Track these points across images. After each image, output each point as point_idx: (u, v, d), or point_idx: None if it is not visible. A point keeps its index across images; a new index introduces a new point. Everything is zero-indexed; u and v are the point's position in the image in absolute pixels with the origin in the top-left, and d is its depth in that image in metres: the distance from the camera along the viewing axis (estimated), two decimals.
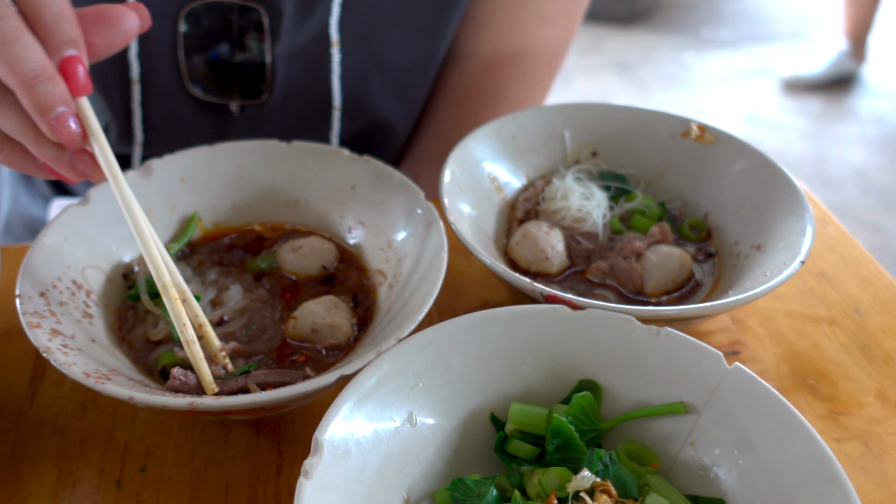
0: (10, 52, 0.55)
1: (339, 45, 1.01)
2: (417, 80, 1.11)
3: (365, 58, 1.04)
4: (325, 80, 1.04)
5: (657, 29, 5.14)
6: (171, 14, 0.99)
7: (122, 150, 1.11)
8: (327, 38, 1.00)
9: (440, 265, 0.70)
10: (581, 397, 0.63)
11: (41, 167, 0.62)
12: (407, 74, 1.09)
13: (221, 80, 1.05)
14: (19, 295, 0.66)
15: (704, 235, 0.87)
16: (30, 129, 0.58)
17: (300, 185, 0.86)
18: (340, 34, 1.00)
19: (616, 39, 4.95)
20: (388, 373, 0.61)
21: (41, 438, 0.71)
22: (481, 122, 1.13)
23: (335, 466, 0.55)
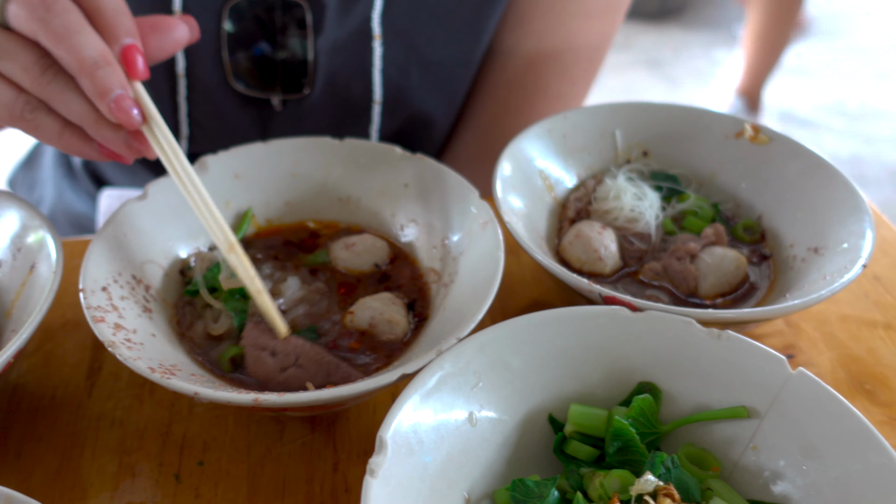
0: (73, 42, 0.61)
1: (380, 38, 1.01)
2: (459, 75, 1.11)
3: (406, 52, 1.04)
4: (367, 75, 1.04)
5: (689, 25, 5.09)
6: (215, 10, 0.99)
7: None
8: (369, 32, 1.00)
9: (497, 265, 0.70)
10: (641, 400, 0.63)
11: (97, 149, 0.66)
12: (448, 69, 1.09)
13: (264, 76, 1.05)
14: (82, 289, 0.67)
15: (758, 237, 0.86)
16: (90, 113, 0.63)
17: (352, 182, 0.86)
18: (382, 28, 1.00)
19: (647, 36, 4.92)
20: (449, 372, 0.61)
21: (100, 431, 0.72)
22: (522, 118, 1.13)
23: (399, 464, 0.56)
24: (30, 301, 0.71)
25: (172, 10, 0.97)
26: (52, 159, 1.39)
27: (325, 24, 0.99)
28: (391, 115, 1.08)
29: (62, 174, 1.37)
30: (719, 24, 5.08)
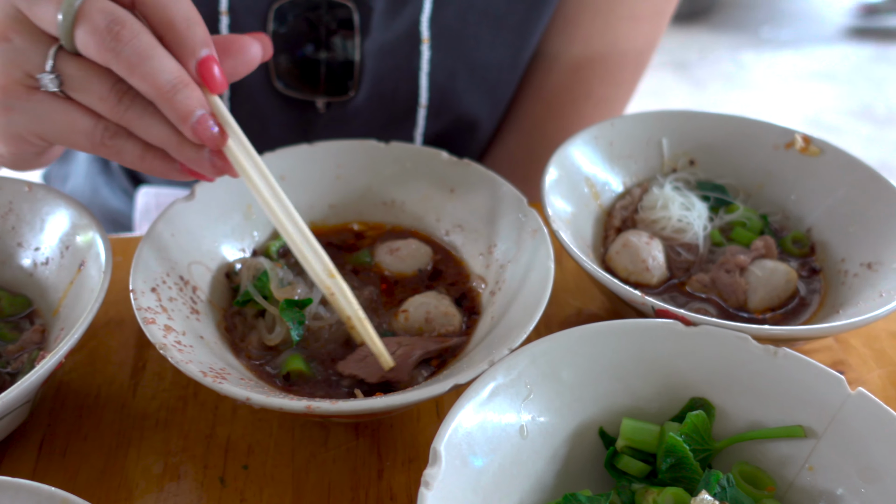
0: (147, 69, 0.58)
1: (429, 42, 1.00)
2: (505, 78, 1.10)
3: (454, 55, 1.03)
4: (414, 78, 1.04)
5: (716, 28, 5.05)
6: (261, 12, 0.99)
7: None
8: (418, 35, 1.00)
9: (548, 275, 0.69)
10: (695, 416, 0.62)
11: (181, 169, 0.64)
12: (495, 73, 1.08)
13: (308, 78, 1.05)
14: (133, 290, 0.67)
15: (808, 251, 0.85)
16: (172, 136, 0.61)
17: (398, 186, 0.85)
18: (431, 31, 1.00)
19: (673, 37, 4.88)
20: (501, 383, 0.61)
21: (145, 431, 0.72)
22: (567, 122, 1.12)
23: (453, 476, 0.55)
24: (78, 300, 0.71)
25: (219, 11, 0.97)
26: (87, 154, 1.40)
27: (373, 27, 0.99)
28: (436, 117, 1.07)
29: (97, 170, 1.37)
30: (747, 27, 5.04)
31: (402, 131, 1.09)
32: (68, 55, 0.61)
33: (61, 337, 0.69)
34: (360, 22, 1.00)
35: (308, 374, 0.70)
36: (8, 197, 0.79)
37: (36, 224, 0.77)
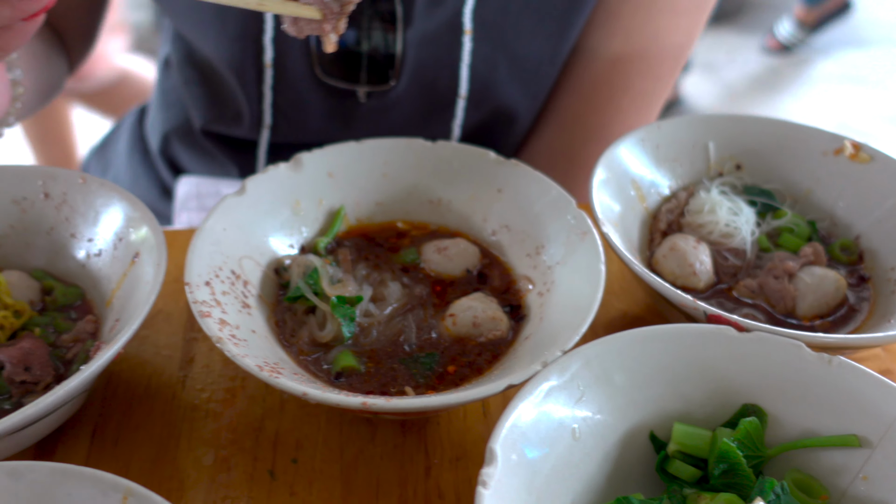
0: None
1: (471, 33, 1.00)
2: (545, 71, 1.10)
3: (495, 46, 1.04)
4: (454, 69, 1.04)
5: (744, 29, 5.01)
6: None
7: (252, 134, 1.13)
8: (460, 27, 1.00)
9: (599, 278, 0.70)
10: (748, 422, 0.62)
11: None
12: (535, 65, 1.08)
13: (349, 67, 1.06)
14: (188, 283, 0.68)
15: (856, 258, 0.84)
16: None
17: (444, 185, 0.86)
18: (473, 23, 1.00)
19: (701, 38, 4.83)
20: (555, 385, 0.61)
21: (195, 422, 0.73)
22: (606, 116, 1.12)
23: (508, 476, 0.55)
24: (132, 292, 0.72)
25: None
26: (127, 145, 1.41)
27: (415, 18, 0.99)
28: (475, 108, 1.08)
29: (137, 161, 1.39)
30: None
31: (441, 122, 1.09)
32: None
33: (116, 328, 0.70)
34: (402, 13, 1.00)
35: (358, 370, 0.70)
36: (62, 188, 0.80)
37: (89, 216, 0.78)
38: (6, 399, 0.69)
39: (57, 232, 0.80)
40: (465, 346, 0.73)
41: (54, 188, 0.80)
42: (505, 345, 0.73)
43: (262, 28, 1.01)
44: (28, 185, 0.80)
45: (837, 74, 4.35)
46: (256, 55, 1.04)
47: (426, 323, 0.75)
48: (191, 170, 1.28)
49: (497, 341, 0.73)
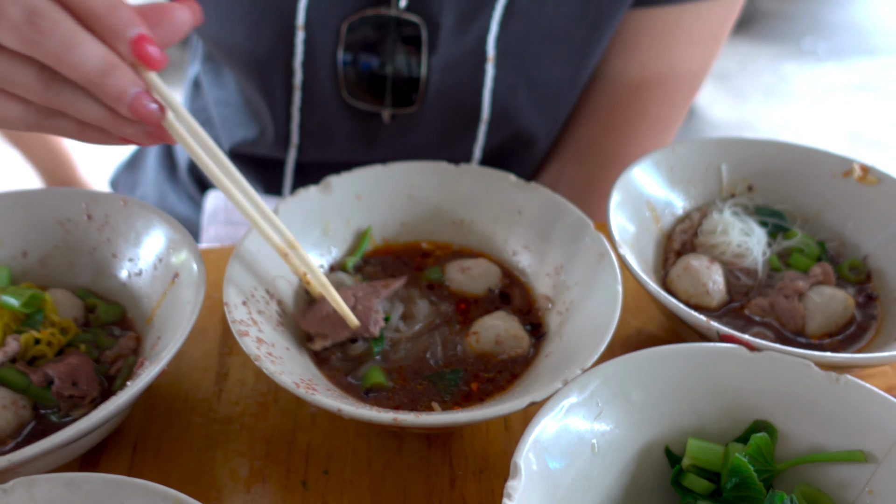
0: (73, 58, 0.58)
1: (494, 60, 1.04)
2: (564, 96, 1.14)
3: (516, 73, 1.07)
4: (477, 93, 1.08)
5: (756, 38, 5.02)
6: (334, 26, 1.04)
7: (279, 154, 1.17)
8: (483, 54, 1.04)
9: (616, 299, 0.73)
10: (759, 438, 0.65)
11: (120, 140, 0.65)
12: (554, 90, 1.12)
13: (375, 90, 1.10)
14: (227, 303, 0.72)
15: (864, 277, 0.87)
16: (107, 115, 0.62)
17: (467, 206, 0.89)
18: (496, 50, 1.04)
19: None
20: (575, 402, 0.64)
21: (230, 435, 0.77)
22: (622, 140, 1.16)
23: (532, 489, 0.59)
24: (172, 310, 0.76)
25: (295, 26, 1.02)
26: (155, 161, 1.46)
27: (440, 43, 1.03)
28: (495, 131, 1.12)
29: (165, 177, 1.43)
30: (787, 39, 5.01)
31: (462, 143, 1.13)
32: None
33: (158, 345, 0.74)
34: (427, 38, 1.04)
35: (387, 386, 0.74)
36: (104, 210, 0.84)
37: (130, 237, 0.82)
38: (55, 412, 0.73)
39: (99, 252, 0.84)
40: (488, 362, 0.77)
41: (97, 210, 0.84)
42: (526, 362, 0.76)
43: (292, 52, 1.05)
44: (72, 208, 0.84)
45: (849, 83, 4.36)
46: (286, 78, 1.08)
47: (451, 340, 0.79)
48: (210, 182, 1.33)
49: (518, 358, 0.76)
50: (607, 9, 1.03)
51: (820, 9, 5.40)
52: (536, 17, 1.03)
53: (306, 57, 1.06)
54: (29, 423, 0.72)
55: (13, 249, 0.84)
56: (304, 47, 1.05)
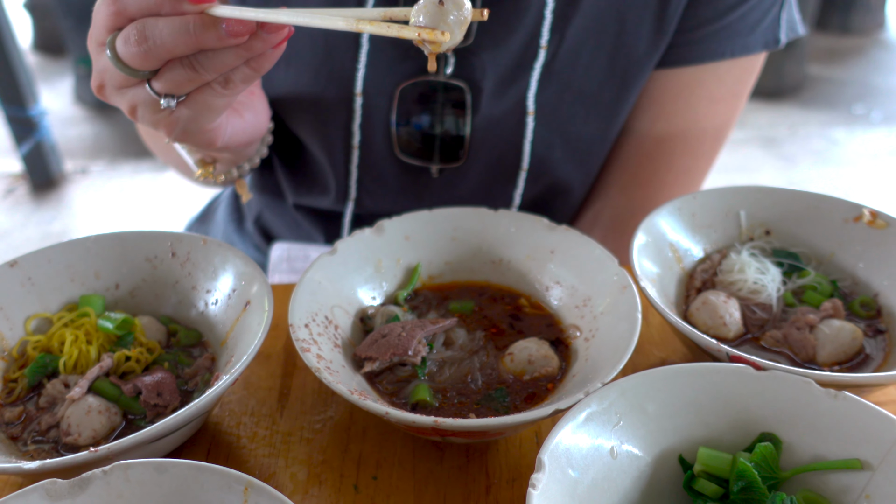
0: (174, 37, 0.71)
1: (533, 115, 1.15)
2: (596, 149, 1.24)
3: (551, 129, 1.18)
4: (518, 146, 1.19)
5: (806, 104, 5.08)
6: (389, 92, 1.16)
7: (338, 206, 1.29)
8: (524, 110, 1.15)
9: (635, 324, 0.81)
10: (763, 447, 0.72)
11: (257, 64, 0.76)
12: (587, 144, 1.22)
13: (425, 148, 1.21)
14: (292, 325, 0.82)
15: (874, 313, 0.93)
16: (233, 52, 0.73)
17: (504, 247, 0.99)
18: (535, 105, 1.15)
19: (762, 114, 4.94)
20: (595, 410, 0.72)
21: (291, 445, 0.87)
22: (651, 189, 1.25)
23: (554, 482, 0.67)
24: (242, 333, 0.87)
25: (354, 92, 1.15)
26: (225, 215, 1.60)
27: (482, 104, 1.15)
28: (534, 182, 1.22)
29: (233, 229, 1.57)
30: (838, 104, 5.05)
31: (504, 193, 1.24)
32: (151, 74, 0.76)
33: (231, 363, 0.85)
34: (471, 101, 1.16)
35: (432, 404, 0.83)
36: (187, 248, 0.96)
37: (209, 271, 0.94)
38: (141, 419, 0.84)
39: (181, 285, 0.96)
40: (522, 381, 0.85)
41: (180, 248, 0.97)
42: (555, 381, 0.85)
43: (352, 116, 1.18)
44: (159, 246, 0.97)
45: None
46: (345, 139, 1.21)
47: (488, 363, 0.88)
48: (281, 236, 1.45)
49: (548, 377, 0.85)
50: (633, 70, 1.14)
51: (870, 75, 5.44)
52: (570, 79, 1.14)
53: (364, 119, 1.19)
54: (119, 427, 0.83)
55: (108, 282, 0.97)
56: (361, 111, 1.18)
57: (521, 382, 0.85)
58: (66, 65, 5.57)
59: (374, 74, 1.15)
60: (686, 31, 1.13)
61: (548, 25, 1.10)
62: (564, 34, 1.11)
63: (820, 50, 5.69)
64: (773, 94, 5.13)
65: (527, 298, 0.97)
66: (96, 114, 5.05)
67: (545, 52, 1.12)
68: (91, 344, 0.89)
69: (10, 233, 3.80)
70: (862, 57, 5.70)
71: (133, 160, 4.50)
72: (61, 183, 4.28)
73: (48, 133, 4.15)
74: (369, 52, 1.13)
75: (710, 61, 1.14)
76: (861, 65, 5.59)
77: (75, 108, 5.13)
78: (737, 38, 1.12)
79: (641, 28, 1.12)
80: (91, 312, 0.91)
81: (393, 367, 0.87)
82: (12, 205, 4.09)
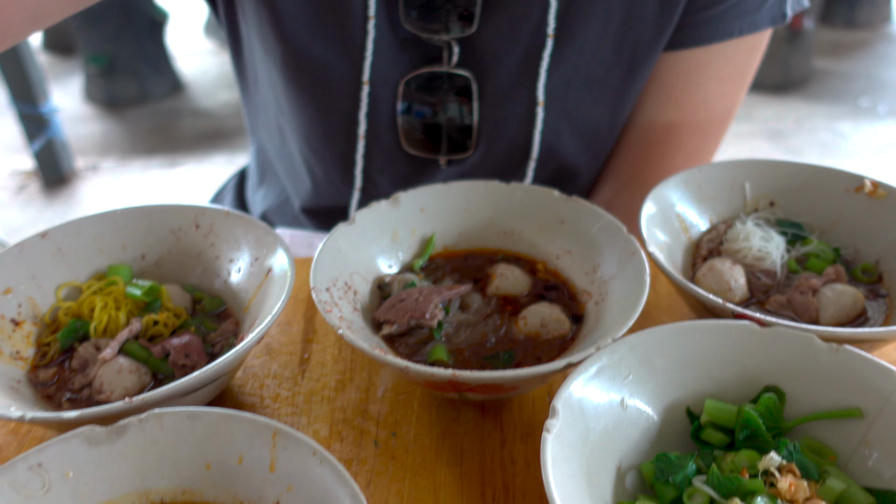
0: None
1: (543, 104, 1.18)
2: (604, 135, 1.26)
3: (560, 116, 1.20)
4: (528, 135, 1.21)
5: (812, 98, 5.10)
6: (394, 82, 1.19)
7: (343, 199, 1.31)
8: (535, 100, 1.17)
9: (644, 286, 0.84)
10: (767, 398, 0.75)
11: None
12: (595, 130, 1.25)
13: (431, 139, 1.24)
14: (314, 287, 0.86)
15: (876, 279, 0.96)
16: None
17: (516, 218, 1.03)
18: (545, 95, 1.17)
19: (769, 107, 4.96)
20: (605, 364, 0.76)
21: (313, 405, 0.90)
22: (660, 172, 1.27)
23: (567, 428, 0.70)
24: (265, 299, 0.90)
25: (362, 82, 1.18)
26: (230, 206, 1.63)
27: (490, 95, 1.17)
28: (543, 168, 1.25)
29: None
30: (844, 98, 5.07)
31: (513, 180, 1.26)
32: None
33: (255, 326, 0.88)
34: (477, 90, 1.18)
35: (447, 362, 0.86)
36: (210, 220, 1.00)
37: (231, 241, 0.98)
38: (170, 380, 0.87)
39: (205, 255, 0.99)
40: (535, 343, 0.88)
41: (203, 220, 1.00)
42: (567, 342, 0.88)
43: (357, 105, 1.20)
44: (183, 218, 1.01)
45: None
46: (349, 129, 1.22)
47: (502, 326, 0.91)
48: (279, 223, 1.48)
49: (561, 339, 0.88)
50: (640, 54, 1.16)
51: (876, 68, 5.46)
52: (577, 65, 1.17)
53: (370, 108, 1.21)
54: (149, 387, 0.86)
55: (134, 253, 1.01)
56: (367, 100, 1.20)
57: (534, 343, 0.88)
58: (75, 64, 5.63)
59: (380, 63, 1.17)
60: (693, 13, 1.15)
61: (553, 13, 1.12)
62: (571, 20, 1.13)
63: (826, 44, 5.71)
64: (780, 88, 5.15)
65: (543, 264, 1.00)
66: (106, 112, 5.11)
67: (552, 40, 1.14)
68: (120, 310, 0.92)
69: (23, 228, 3.85)
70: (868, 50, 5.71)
71: (143, 157, 4.55)
72: (72, 180, 4.33)
73: (59, 130, 4.20)
74: (375, 38, 1.15)
75: (718, 41, 1.16)
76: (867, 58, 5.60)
77: (85, 107, 5.19)
78: (744, 17, 1.15)
79: (647, 11, 1.14)
80: (119, 280, 0.95)
81: (410, 330, 0.90)
82: (25, 201, 4.15)
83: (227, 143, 4.68)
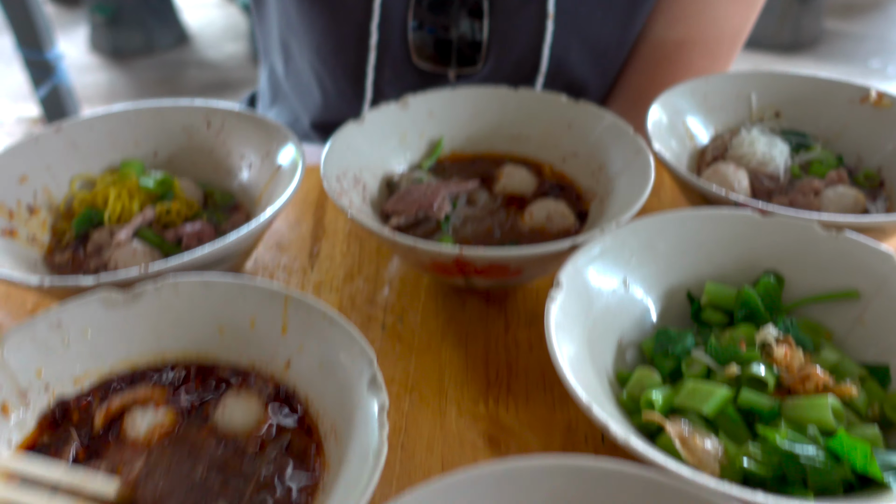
0: None
1: (553, 18, 1.18)
2: (613, 51, 1.27)
3: (570, 31, 1.21)
4: (537, 50, 1.22)
5: (822, 59, 5.06)
6: None
7: (352, 111, 1.32)
8: (544, 14, 1.18)
9: (648, 178, 0.85)
10: (766, 281, 0.77)
11: None
12: (604, 46, 1.25)
13: (441, 54, 1.25)
14: (324, 175, 0.87)
15: (877, 184, 0.98)
16: None
17: (524, 122, 1.04)
18: (555, 9, 1.18)
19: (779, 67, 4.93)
20: (609, 245, 0.77)
21: (322, 293, 0.92)
22: None
23: (570, 299, 0.72)
24: (275, 191, 0.92)
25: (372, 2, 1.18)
26: None
27: (500, 9, 1.18)
28: (551, 83, 1.25)
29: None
30: (854, 59, 5.03)
31: None
32: None
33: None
34: (488, 6, 1.18)
35: None
36: (221, 119, 1.01)
37: (242, 137, 0.99)
38: None
39: (216, 153, 1.01)
40: (540, 236, 0.90)
41: (214, 119, 1.01)
42: (572, 235, 0.90)
43: (370, 16, 1.20)
44: (194, 117, 1.02)
45: None
46: (361, 39, 1.22)
47: (508, 221, 0.93)
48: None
49: (566, 232, 0.90)
50: None
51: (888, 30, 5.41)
52: None
53: (382, 19, 1.21)
54: None
55: (146, 150, 1.02)
56: (380, 10, 1.21)
57: (539, 237, 0.90)
58: (80, 14, 5.59)
59: None
60: None
61: None
62: None
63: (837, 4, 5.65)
64: (790, 48, 5.11)
65: (549, 167, 1.01)
66: (112, 62, 5.09)
67: None
68: (133, 199, 0.94)
69: None
70: (879, 12, 5.65)
71: None
72: None
73: (65, 76, 4.19)
74: None
75: None
76: (878, 19, 5.54)
77: (91, 57, 5.17)
78: None
79: None
80: (132, 173, 0.97)
81: (418, 222, 0.92)
82: None
83: (233, 95, 4.67)
